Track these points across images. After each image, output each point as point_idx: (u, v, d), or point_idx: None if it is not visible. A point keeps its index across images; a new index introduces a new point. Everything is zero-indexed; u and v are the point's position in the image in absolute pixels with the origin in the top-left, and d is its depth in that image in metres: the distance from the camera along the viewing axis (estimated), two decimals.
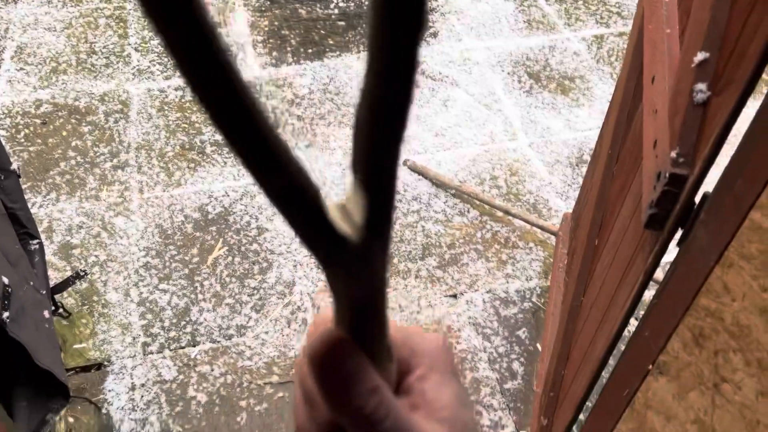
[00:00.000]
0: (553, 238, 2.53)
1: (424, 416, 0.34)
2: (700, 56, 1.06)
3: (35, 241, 1.56)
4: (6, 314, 1.18)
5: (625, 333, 1.32)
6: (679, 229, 1.07)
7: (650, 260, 1.12)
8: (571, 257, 2.06)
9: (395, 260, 2.48)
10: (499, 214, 2.62)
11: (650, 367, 1.14)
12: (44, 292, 1.51)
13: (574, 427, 1.54)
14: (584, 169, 2.84)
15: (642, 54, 1.50)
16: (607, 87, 3.22)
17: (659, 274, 1.30)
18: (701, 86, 1.04)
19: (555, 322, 1.99)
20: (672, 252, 1.09)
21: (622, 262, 1.33)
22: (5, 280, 1.24)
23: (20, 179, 1.53)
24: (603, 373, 1.40)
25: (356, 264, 0.27)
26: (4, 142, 2.38)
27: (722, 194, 0.94)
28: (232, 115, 0.22)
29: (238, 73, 0.21)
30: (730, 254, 0.94)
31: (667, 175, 1.04)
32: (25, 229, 1.52)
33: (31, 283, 1.42)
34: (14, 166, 1.52)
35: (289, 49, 3.36)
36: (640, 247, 1.21)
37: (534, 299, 2.37)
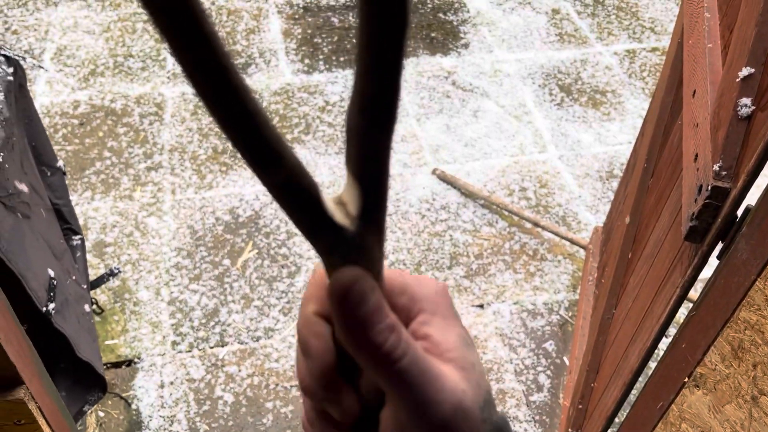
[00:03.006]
0: (581, 251, 2.52)
1: (432, 358, 0.34)
2: (745, 71, 1.07)
3: (77, 237, 1.60)
4: (52, 306, 1.22)
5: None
6: (720, 242, 1.07)
7: (689, 273, 1.12)
8: (601, 271, 2.05)
9: (422, 269, 2.49)
10: (528, 225, 2.62)
11: (686, 379, 1.14)
12: (85, 286, 1.55)
13: None
14: (614, 184, 2.83)
15: (681, 68, 1.50)
16: (639, 102, 3.21)
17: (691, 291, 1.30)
18: (746, 101, 1.05)
19: (584, 335, 1.99)
20: (708, 267, 1.09)
21: (658, 274, 1.33)
22: (51, 272, 1.28)
23: (65, 176, 1.57)
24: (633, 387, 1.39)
25: (353, 251, 0.30)
26: None
27: (765, 208, 0.95)
28: (234, 116, 0.24)
29: (239, 78, 0.23)
30: None
31: (709, 187, 1.04)
32: (68, 224, 1.56)
33: (74, 277, 1.45)
34: (60, 163, 1.57)
35: (321, 56, 3.40)
36: (678, 260, 1.21)
37: (562, 312, 2.37)
